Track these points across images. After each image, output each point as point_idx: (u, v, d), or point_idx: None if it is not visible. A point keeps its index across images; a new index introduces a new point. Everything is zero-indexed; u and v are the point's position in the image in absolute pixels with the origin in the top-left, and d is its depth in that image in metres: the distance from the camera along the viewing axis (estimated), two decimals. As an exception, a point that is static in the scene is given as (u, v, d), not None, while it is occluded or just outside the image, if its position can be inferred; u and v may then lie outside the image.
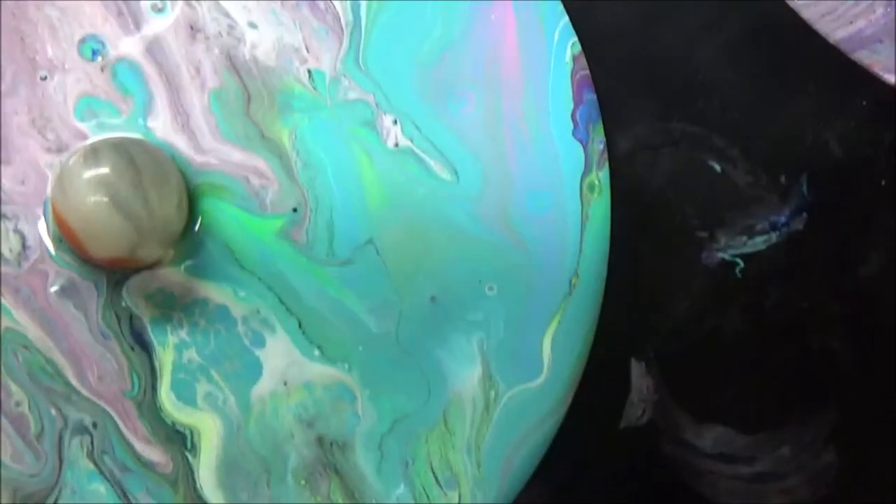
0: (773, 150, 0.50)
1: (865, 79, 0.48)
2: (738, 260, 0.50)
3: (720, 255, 0.49)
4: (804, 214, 0.49)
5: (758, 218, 0.50)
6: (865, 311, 0.50)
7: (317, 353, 0.35)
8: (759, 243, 0.50)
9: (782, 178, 0.50)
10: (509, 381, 0.35)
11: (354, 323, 0.35)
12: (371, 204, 0.35)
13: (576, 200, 0.35)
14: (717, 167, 0.49)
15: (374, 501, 0.35)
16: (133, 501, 0.35)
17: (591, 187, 0.36)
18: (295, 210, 0.35)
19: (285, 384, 0.35)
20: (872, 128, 0.50)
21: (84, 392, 0.35)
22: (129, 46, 0.36)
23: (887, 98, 0.49)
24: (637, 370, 0.49)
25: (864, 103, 0.49)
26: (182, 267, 0.35)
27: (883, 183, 0.49)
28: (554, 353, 0.35)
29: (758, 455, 0.50)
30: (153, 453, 0.35)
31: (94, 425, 0.35)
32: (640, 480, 0.50)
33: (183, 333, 0.35)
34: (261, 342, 0.35)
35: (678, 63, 0.50)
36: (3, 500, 0.35)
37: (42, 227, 0.35)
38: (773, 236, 0.49)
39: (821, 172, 0.50)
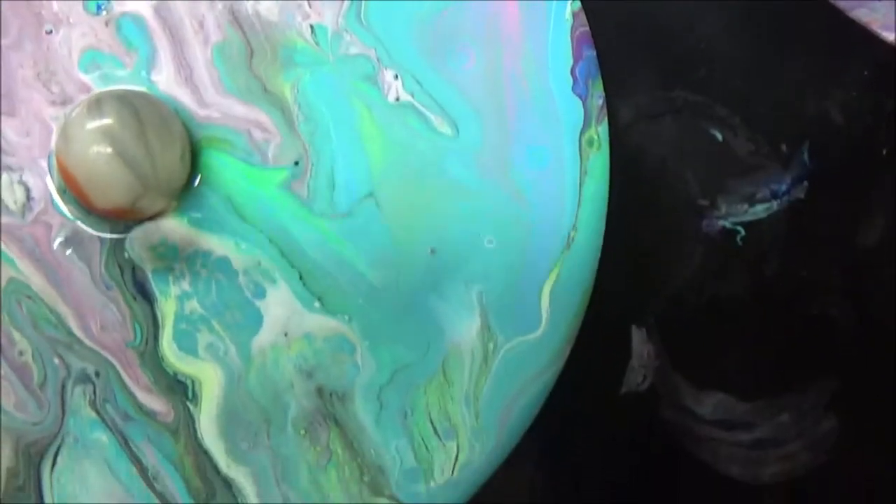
0: (774, 118, 0.50)
1: (867, 47, 0.48)
2: (739, 228, 0.50)
3: (721, 222, 0.50)
4: (805, 183, 0.50)
5: (759, 186, 0.50)
6: (865, 279, 0.50)
7: (317, 304, 0.35)
8: (759, 211, 0.50)
9: (784, 147, 0.50)
10: (508, 334, 0.35)
11: (355, 275, 0.35)
12: (372, 158, 0.36)
13: (575, 155, 0.36)
14: (719, 135, 0.50)
15: (372, 451, 0.35)
16: (134, 450, 0.35)
17: (591, 142, 0.36)
18: (296, 163, 0.36)
19: (286, 335, 0.35)
20: (873, 97, 0.50)
21: (87, 342, 0.35)
22: (133, 1, 0.36)
23: (888, 67, 0.49)
24: (638, 336, 0.49)
25: (866, 73, 0.49)
26: (184, 219, 0.35)
27: (884, 152, 0.49)
28: (552, 307, 0.35)
29: (758, 422, 0.50)
30: (155, 402, 0.35)
31: (97, 374, 0.35)
32: (640, 446, 0.50)
33: (185, 284, 0.35)
34: (262, 293, 0.35)
35: (680, 32, 0.50)
36: (6, 449, 0.35)
37: (46, 178, 0.35)
38: (774, 204, 0.50)
39: (822, 141, 0.50)
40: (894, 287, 0.50)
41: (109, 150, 0.33)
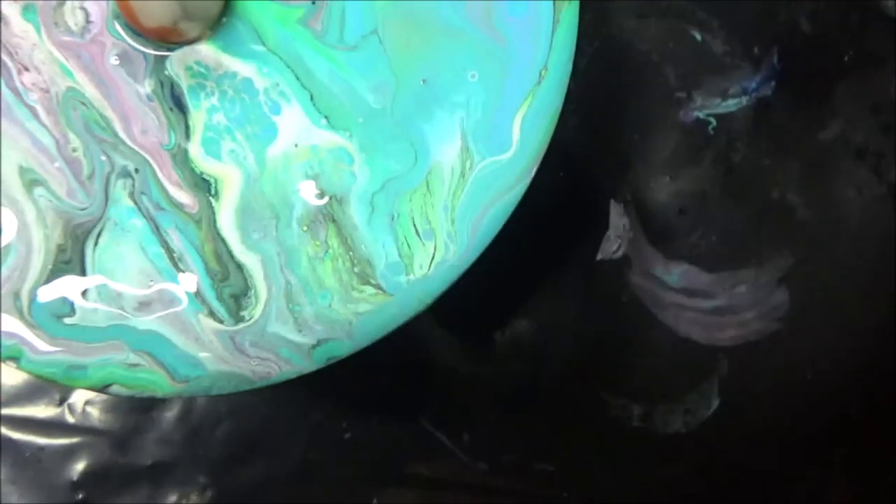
0: (749, 23, 0.55)
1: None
2: (712, 119, 0.55)
3: (696, 113, 0.55)
4: (773, 82, 0.55)
5: (731, 83, 0.55)
6: (822, 169, 0.55)
7: (324, 121, 0.41)
8: (731, 105, 0.55)
9: (756, 50, 0.55)
10: (483, 154, 0.41)
11: (357, 98, 0.41)
12: (377, 1, 0.42)
13: (549, 6, 0.41)
14: (698, 36, 0.55)
15: (363, 247, 0.41)
16: (164, 235, 0.41)
17: (564, -4, 0.41)
18: (313, 2, 0.42)
19: (296, 146, 0.41)
20: (840, 8, 0.55)
21: (129, 143, 0.41)
22: None
23: (854, -18, 0.55)
24: (615, 210, 0.55)
25: (834, -13, 0.55)
26: (217, 45, 0.41)
27: (846, 58, 0.55)
28: (522, 132, 0.41)
29: (718, 291, 0.55)
30: (183, 196, 0.41)
31: (136, 171, 0.41)
32: (610, 308, 0.56)
33: (214, 100, 0.41)
34: (278, 110, 0.41)
35: (668, -58, 0.55)
36: (57, 229, 0.41)
37: (103, 4, 0.42)
38: (744, 100, 0.55)
39: (791, 46, 0.55)
40: (848, 178, 0.55)
41: (157, -23, 0.40)
